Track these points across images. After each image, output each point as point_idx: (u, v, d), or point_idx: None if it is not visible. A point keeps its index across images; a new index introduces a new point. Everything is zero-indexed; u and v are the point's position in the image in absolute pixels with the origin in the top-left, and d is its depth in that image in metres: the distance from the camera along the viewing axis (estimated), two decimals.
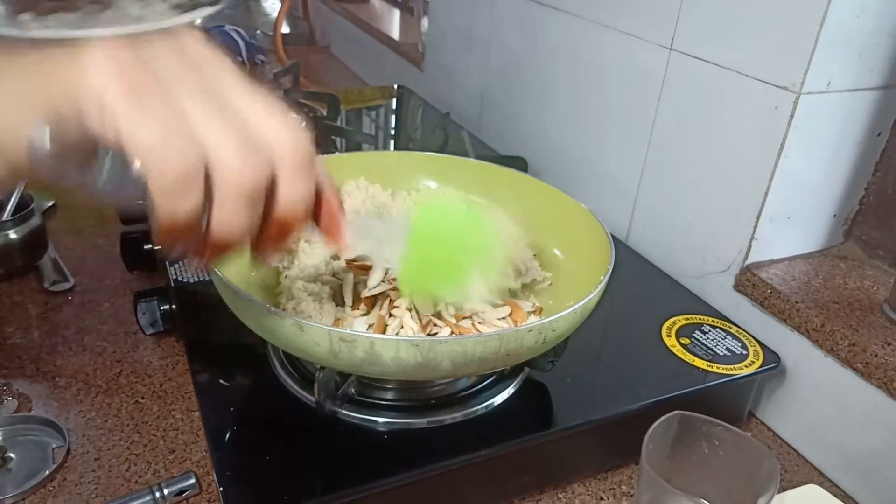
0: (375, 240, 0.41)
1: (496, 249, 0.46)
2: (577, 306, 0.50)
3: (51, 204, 0.96)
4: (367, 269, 0.53)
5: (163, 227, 0.30)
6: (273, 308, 0.46)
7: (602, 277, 0.54)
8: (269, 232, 0.34)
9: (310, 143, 0.32)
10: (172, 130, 0.28)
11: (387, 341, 0.45)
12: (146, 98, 0.28)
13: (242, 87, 0.31)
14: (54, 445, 0.59)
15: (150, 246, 0.78)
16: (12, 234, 0.77)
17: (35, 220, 0.80)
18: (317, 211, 0.36)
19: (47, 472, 0.55)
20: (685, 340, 0.65)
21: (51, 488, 0.55)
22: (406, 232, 0.43)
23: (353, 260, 0.53)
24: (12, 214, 0.79)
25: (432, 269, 0.45)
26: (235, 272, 0.58)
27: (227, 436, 0.51)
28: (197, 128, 0.29)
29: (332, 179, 0.37)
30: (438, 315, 0.52)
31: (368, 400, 0.55)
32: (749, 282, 0.69)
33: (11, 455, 0.57)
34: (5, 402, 0.62)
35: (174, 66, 0.30)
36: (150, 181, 0.28)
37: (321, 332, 0.45)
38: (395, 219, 0.44)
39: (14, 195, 0.81)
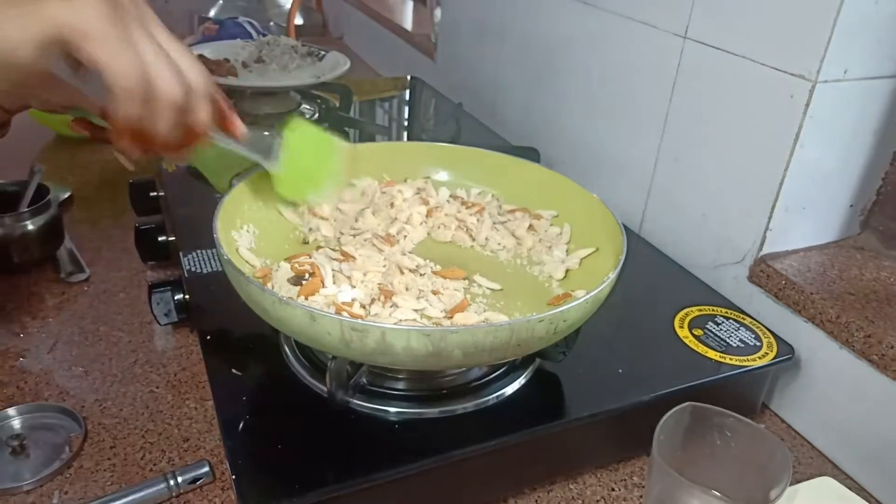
0: (260, 150, 0.58)
1: (339, 163, 0.64)
2: (588, 296, 0.50)
3: (67, 196, 0.97)
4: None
5: (120, 124, 0.44)
6: (285, 298, 0.47)
7: (614, 268, 0.53)
8: (184, 138, 0.49)
9: (208, 76, 0.47)
10: (132, 60, 0.42)
11: (398, 331, 0.45)
12: (116, 38, 0.41)
13: (162, 29, 0.45)
14: (71, 433, 0.59)
15: (164, 238, 0.79)
16: (30, 226, 0.78)
17: (51, 212, 0.80)
18: (219, 118, 0.53)
19: (64, 460, 0.56)
20: (698, 331, 0.65)
21: (67, 475, 0.56)
22: (279, 144, 0.59)
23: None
24: (29, 206, 0.80)
25: (300, 178, 0.61)
26: (247, 262, 0.58)
27: (241, 425, 0.52)
28: (144, 57, 0.43)
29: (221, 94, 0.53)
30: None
31: (380, 390, 0.55)
32: (763, 273, 0.68)
33: (29, 442, 0.58)
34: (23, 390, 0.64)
35: (129, 11, 0.42)
36: (115, 92, 0.42)
37: (333, 322, 0.45)
38: (271, 135, 0.60)
39: (31, 187, 0.82)
